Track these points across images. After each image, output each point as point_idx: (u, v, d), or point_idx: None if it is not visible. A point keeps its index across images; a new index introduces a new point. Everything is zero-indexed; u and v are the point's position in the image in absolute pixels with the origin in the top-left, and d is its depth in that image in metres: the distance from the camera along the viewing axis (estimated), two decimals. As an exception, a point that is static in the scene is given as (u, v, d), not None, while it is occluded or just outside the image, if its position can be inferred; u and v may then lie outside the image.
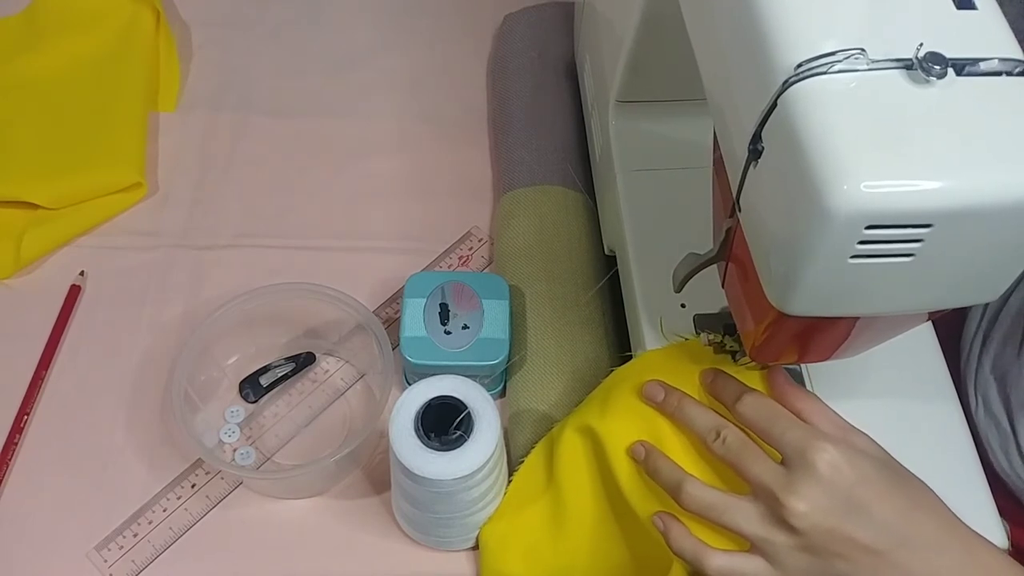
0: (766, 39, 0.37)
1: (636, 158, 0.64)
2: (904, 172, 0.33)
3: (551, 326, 0.64)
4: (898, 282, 0.37)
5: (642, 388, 0.54)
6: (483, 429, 0.52)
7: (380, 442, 0.62)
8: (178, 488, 0.61)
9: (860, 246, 0.35)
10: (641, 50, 0.59)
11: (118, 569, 0.58)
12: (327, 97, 0.81)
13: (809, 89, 0.35)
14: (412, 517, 0.56)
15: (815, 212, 0.34)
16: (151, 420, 0.64)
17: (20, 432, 0.62)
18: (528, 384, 0.63)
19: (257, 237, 0.72)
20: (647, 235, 0.61)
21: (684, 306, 0.57)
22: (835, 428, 0.48)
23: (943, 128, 0.34)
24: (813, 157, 0.34)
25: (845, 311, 0.40)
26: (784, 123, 0.35)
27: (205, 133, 0.78)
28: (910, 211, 0.34)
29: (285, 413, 0.64)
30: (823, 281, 0.37)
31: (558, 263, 0.67)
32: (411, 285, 0.63)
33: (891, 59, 0.35)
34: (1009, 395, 0.57)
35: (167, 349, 0.66)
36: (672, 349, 0.56)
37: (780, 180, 0.37)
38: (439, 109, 0.81)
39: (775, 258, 0.39)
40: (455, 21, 0.87)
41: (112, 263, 0.70)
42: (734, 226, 0.43)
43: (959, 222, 0.34)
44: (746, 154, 0.39)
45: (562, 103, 0.78)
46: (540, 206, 0.70)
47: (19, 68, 0.78)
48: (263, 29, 0.85)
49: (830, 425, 0.48)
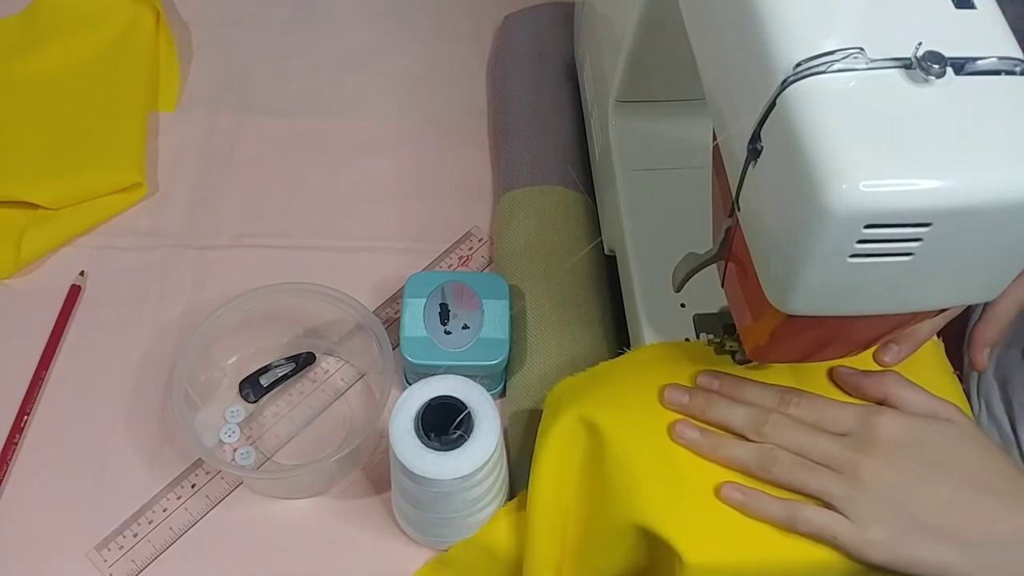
0: (765, 38, 0.37)
1: (636, 158, 0.64)
2: (903, 171, 0.33)
3: (551, 325, 0.64)
4: (897, 281, 0.37)
5: (661, 394, 0.53)
6: (483, 429, 0.52)
7: (380, 442, 0.62)
8: (178, 488, 0.61)
9: (859, 245, 0.35)
10: (641, 50, 0.59)
11: (118, 569, 0.58)
12: (327, 97, 0.81)
13: (808, 88, 0.35)
14: (412, 517, 0.56)
15: (814, 211, 0.34)
16: (151, 420, 0.64)
17: (20, 432, 0.62)
18: (528, 384, 0.63)
19: (257, 237, 0.72)
20: (647, 235, 0.61)
21: (684, 306, 0.57)
22: (921, 403, 0.49)
23: (942, 127, 0.34)
24: (812, 156, 0.34)
25: (844, 310, 0.40)
26: (783, 122, 0.35)
27: (205, 133, 0.78)
28: (909, 210, 0.34)
29: (285, 413, 0.64)
30: (822, 280, 0.37)
31: (558, 262, 0.67)
32: (411, 285, 0.63)
33: (890, 58, 0.35)
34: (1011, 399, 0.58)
35: (167, 349, 0.66)
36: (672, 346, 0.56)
37: (779, 179, 0.37)
38: (439, 109, 0.81)
39: (774, 257, 0.39)
40: (455, 21, 0.87)
41: (112, 263, 0.70)
42: (733, 226, 0.43)
43: (958, 221, 0.34)
44: (745, 154, 0.39)
45: (562, 103, 0.78)
46: (540, 206, 0.70)
47: (19, 68, 0.78)
48: (263, 29, 0.85)
49: (915, 401, 0.49)
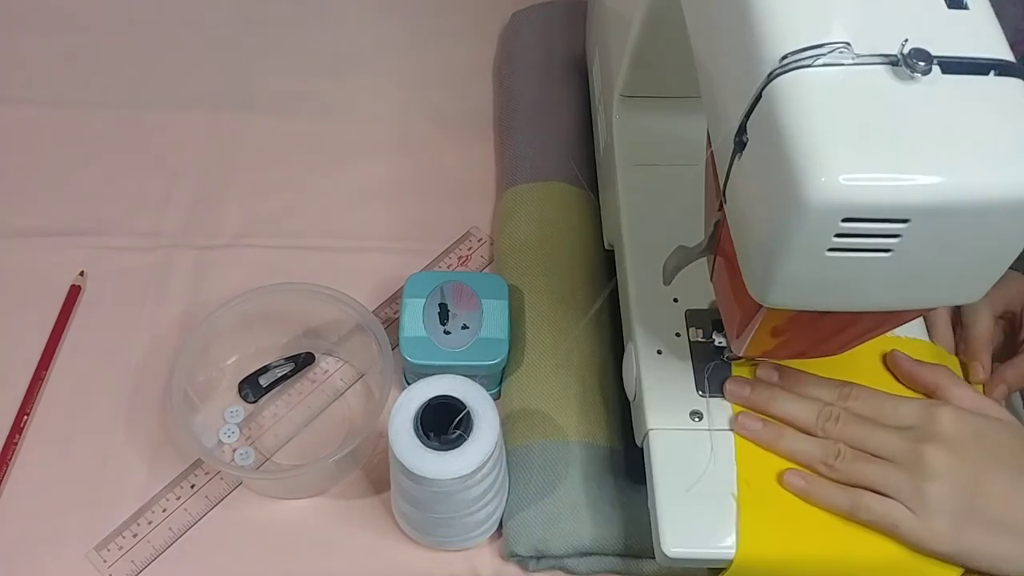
0: (755, 31, 0.37)
1: (638, 153, 0.64)
2: (883, 166, 0.33)
3: (549, 320, 0.64)
4: (876, 278, 0.37)
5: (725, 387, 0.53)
6: (482, 429, 0.52)
7: (380, 442, 0.62)
8: (178, 488, 0.61)
9: (837, 239, 0.35)
10: (646, 44, 0.59)
11: (118, 569, 0.58)
12: (327, 97, 0.81)
13: (793, 81, 0.35)
14: (412, 517, 0.56)
15: (792, 203, 0.34)
16: (151, 420, 0.64)
17: (20, 432, 0.62)
18: (524, 379, 0.63)
19: (257, 237, 0.72)
20: (644, 229, 0.61)
21: (676, 301, 0.57)
22: (970, 399, 0.51)
23: (925, 124, 0.34)
24: (793, 148, 0.34)
25: (823, 305, 0.40)
26: (768, 115, 0.35)
27: (205, 133, 0.78)
28: (888, 205, 0.34)
29: (284, 413, 0.64)
30: (800, 273, 0.37)
31: (558, 258, 0.67)
32: (410, 285, 0.63)
33: (876, 54, 0.35)
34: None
35: (167, 349, 0.66)
36: None
37: (762, 172, 0.37)
38: (438, 109, 0.81)
39: (756, 250, 0.39)
40: (455, 21, 0.87)
41: (112, 263, 0.70)
42: (721, 220, 0.44)
43: (937, 218, 0.34)
44: (732, 146, 0.39)
45: (570, 100, 0.78)
46: (542, 202, 0.70)
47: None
48: (263, 29, 0.85)
49: (965, 396, 0.51)
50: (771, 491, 0.51)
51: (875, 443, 0.50)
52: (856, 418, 0.51)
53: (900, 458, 0.49)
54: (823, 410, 0.51)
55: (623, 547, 0.57)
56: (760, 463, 0.51)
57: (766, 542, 0.49)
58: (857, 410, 0.51)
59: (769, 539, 0.49)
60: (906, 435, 0.49)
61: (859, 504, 0.49)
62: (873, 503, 0.49)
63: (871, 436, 0.50)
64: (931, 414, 0.50)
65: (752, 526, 0.49)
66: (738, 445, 0.52)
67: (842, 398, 0.52)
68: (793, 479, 0.50)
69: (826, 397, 0.52)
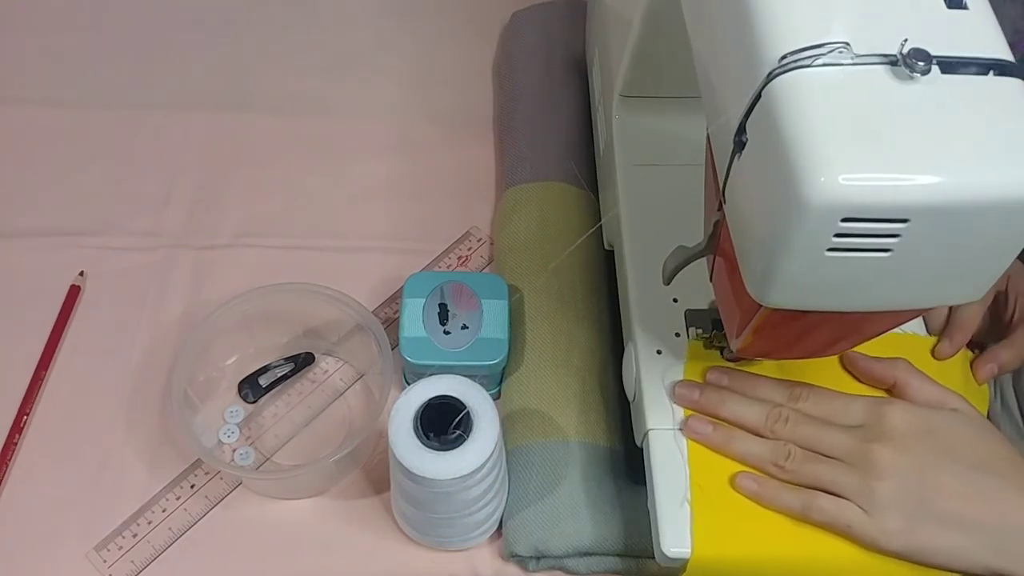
0: (754, 31, 0.37)
1: (638, 153, 0.64)
2: (882, 166, 0.33)
3: (549, 320, 0.64)
4: (876, 278, 0.37)
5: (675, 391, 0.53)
6: (482, 429, 0.52)
7: (380, 442, 0.62)
8: (177, 488, 0.61)
9: (836, 239, 0.35)
10: (646, 44, 0.59)
11: (117, 569, 0.58)
12: (327, 97, 0.81)
13: (792, 81, 0.35)
14: (412, 517, 0.56)
15: (792, 203, 0.34)
16: (151, 420, 0.64)
17: (20, 432, 0.62)
18: (524, 379, 0.63)
19: (257, 237, 0.72)
20: (644, 229, 0.61)
21: (676, 300, 0.57)
22: (928, 391, 0.51)
23: (924, 124, 0.34)
24: (793, 148, 0.34)
25: (822, 305, 0.40)
26: (767, 115, 0.35)
27: (205, 133, 0.78)
28: (886, 205, 0.34)
29: (284, 413, 0.64)
30: (800, 273, 0.37)
31: (557, 258, 0.67)
32: (410, 285, 0.63)
33: (875, 54, 0.35)
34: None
35: (167, 349, 0.66)
36: None
37: (761, 172, 0.37)
38: (438, 109, 0.81)
39: (755, 249, 0.39)
40: (454, 21, 0.87)
41: (112, 263, 0.70)
42: (721, 220, 0.44)
43: (937, 218, 0.34)
44: (731, 146, 0.39)
45: (570, 100, 0.78)
46: (542, 202, 0.70)
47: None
48: (263, 29, 0.85)
49: (924, 388, 0.51)
50: (724, 494, 0.50)
51: (826, 443, 0.50)
52: (806, 419, 0.51)
53: (850, 458, 0.49)
54: (772, 411, 0.51)
55: (623, 547, 0.57)
56: (713, 466, 0.51)
57: (720, 545, 0.49)
58: (808, 411, 0.51)
59: (723, 541, 0.49)
60: (856, 434, 0.49)
61: (811, 505, 0.48)
62: (826, 504, 0.48)
63: (822, 436, 0.50)
64: (880, 412, 0.49)
65: (705, 529, 0.49)
66: (691, 448, 0.52)
67: (792, 399, 0.52)
68: (745, 482, 0.50)
69: (777, 398, 0.52)
